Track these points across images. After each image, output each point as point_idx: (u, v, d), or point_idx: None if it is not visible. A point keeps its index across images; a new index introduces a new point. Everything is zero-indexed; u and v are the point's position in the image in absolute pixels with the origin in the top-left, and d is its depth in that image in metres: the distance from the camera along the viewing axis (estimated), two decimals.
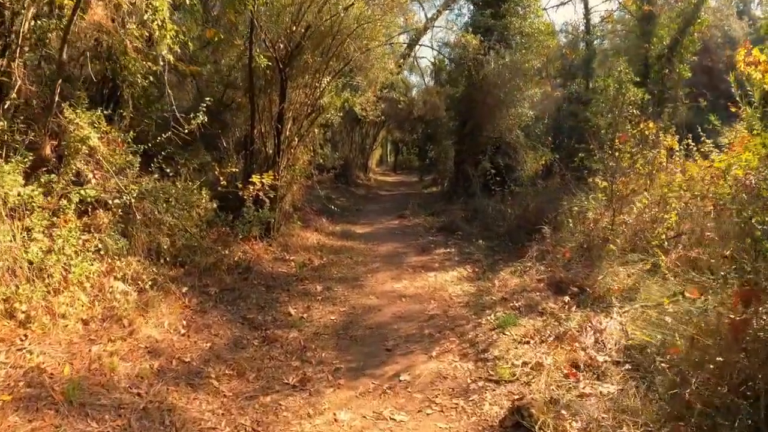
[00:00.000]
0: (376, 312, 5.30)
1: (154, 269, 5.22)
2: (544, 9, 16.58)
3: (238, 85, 7.67)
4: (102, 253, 5.12)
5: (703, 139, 6.58)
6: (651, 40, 13.85)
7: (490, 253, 8.24)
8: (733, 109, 9.29)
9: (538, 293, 5.84)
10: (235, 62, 7.93)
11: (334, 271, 6.75)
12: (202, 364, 3.96)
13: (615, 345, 4.48)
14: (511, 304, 5.47)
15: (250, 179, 6.22)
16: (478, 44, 9.61)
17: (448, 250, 8.22)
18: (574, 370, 4.02)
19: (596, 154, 7.55)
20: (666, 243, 6.65)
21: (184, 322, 4.60)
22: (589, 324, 4.95)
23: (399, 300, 5.68)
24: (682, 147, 7.50)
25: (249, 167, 7.64)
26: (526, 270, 7.03)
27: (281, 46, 6.69)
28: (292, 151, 7.31)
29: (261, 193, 6.18)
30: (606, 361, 4.18)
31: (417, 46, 17.74)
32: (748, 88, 8.48)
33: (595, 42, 20.45)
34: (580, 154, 8.31)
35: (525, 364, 4.03)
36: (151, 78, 6.78)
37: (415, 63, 23.04)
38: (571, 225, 7.86)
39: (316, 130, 7.89)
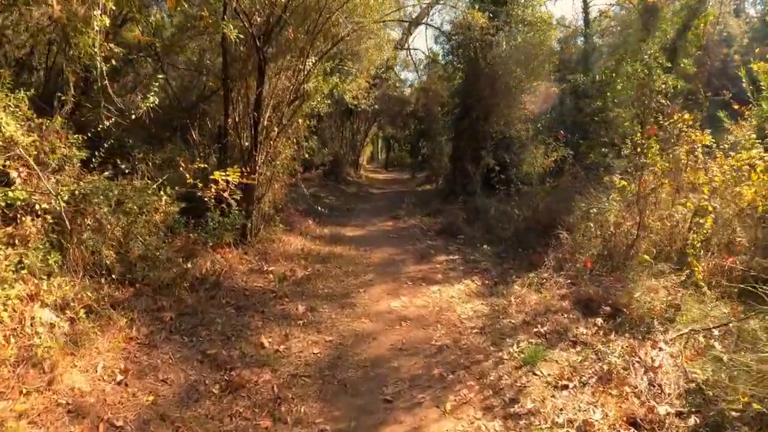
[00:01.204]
0: (371, 342, 4.29)
1: (90, 292, 4.17)
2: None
3: (210, 68, 6.61)
4: (26, 272, 4.08)
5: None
6: (653, 33, 13.14)
7: (498, 260, 7.30)
8: (735, 106, 8.38)
9: (564, 314, 4.90)
10: (208, 43, 6.88)
11: (320, 285, 5.73)
12: (139, 430, 2.93)
13: (674, 389, 3.56)
14: (536, 330, 4.52)
15: (212, 177, 5.14)
16: (486, 22, 8.60)
17: (451, 257, 7.25)
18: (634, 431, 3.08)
19: (621, 150, 6.64)
20: (701, 250, 5.86)
21: (123, 365, 3.56)
22: (637, 359, 4.04)
23: (398, 324, 4.69)
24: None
25: (223, 163, 6.60)
26: (543, 282, 6.13)
27: (259, 19, 5.64)
28: (271, 143, 6.26)
29: (226, 194, 5.12)
30: (669, 414, 3.25)
31: (413, 32, 16.61)
32: (762, 84, 7.67)
33: (594, 36, 19.71)
34: (603, 149, 7.40)
35: (570, 422, 3.06)
36: (114, 62, 5.74)
37: (409, 56, 21.99)
38: (592, 229, 6.98)
39: (300, 120, 6.85)
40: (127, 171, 5.70)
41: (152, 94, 4.45)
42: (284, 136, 6.56)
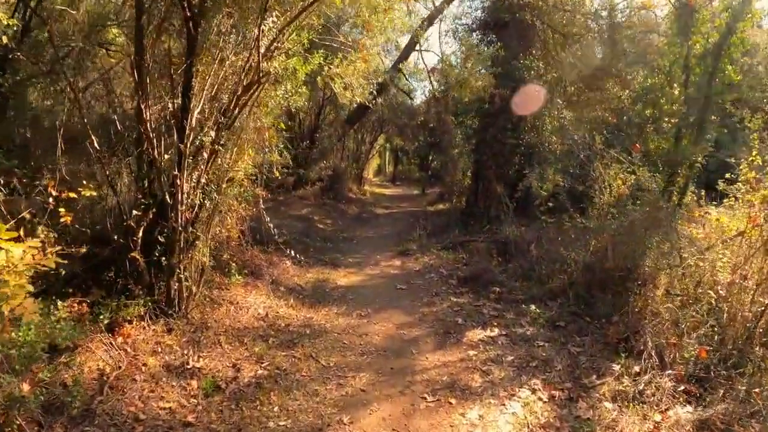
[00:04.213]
0: None
1: None
2: None
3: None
4: None
5: None
6: (690, 38, 11.06)
7: (556, 334, 4.91)
8: None
9: None
10: None
11: (276, 406, 3.30)
12: None
13: None
14: None
15: None
16: None
17: (489, 332, 4.80)
18: None
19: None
20: None
21: None
22: None
23: None
24: None
25: (140, 185, 4.26)
26: (641, 388, 3.79)
27: None
28: (206, 154, 3.90)
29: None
30: None
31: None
32: None
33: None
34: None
35: None
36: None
37: (420, 58, 19.77)
38: (712, 297, 4.68)
39: (264, 120, 4.46)
40: None
41: None
42: (233, 144, 4.20)
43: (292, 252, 5.94)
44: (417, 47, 16.19)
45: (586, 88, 7.68)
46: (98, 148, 4.20)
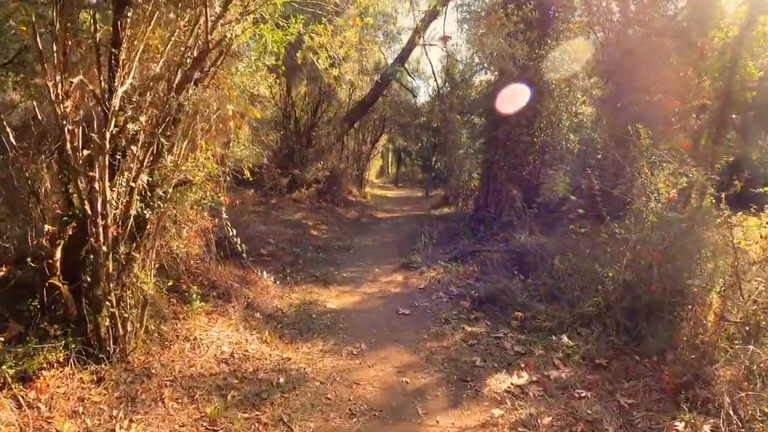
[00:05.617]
0: None
1: None
2: None
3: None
4: None
5: None
6: (708, 32, 10.11)
7: (599, 377, 3.88)
8: None
9: None
10: None
11: None
12: None
13: None
14: None
15: None
16: None
17: (516, 379, 3.75)
18: None
19: None
20: None
21: None
22: None
23: None
24: None
25: (62, 190, 3.26)
26: None
27: None
28: (135, 148, 2.87)
29: None
30: None
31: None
32: None
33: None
34: None
35: None
36: None
37: (424, 53, 18.65)
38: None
39: (231, 108, 3.42)
40: None
41: None
42: (183, 136, 3.18)
43: (265, 273, 4.92)
44: (421, 41, 15.14)
45: (636, 64, 6.66)
46: (14, 143, 3.21)
